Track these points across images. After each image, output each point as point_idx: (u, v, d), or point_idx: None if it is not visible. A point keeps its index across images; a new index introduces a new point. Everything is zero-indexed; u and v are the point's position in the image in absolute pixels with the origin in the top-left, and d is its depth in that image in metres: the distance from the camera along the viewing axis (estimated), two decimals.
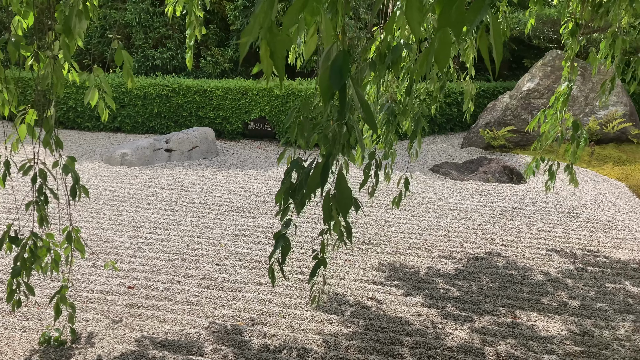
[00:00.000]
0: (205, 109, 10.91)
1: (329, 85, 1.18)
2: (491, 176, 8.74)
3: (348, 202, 1.33)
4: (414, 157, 4.22)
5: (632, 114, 11.42)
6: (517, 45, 17.43)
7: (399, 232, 5.93)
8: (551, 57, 11.50)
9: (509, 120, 11.36)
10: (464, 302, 4.30)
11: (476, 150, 11.33)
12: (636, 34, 5.06)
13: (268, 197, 7.03)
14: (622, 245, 5.83)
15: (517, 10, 14.89)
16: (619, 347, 3.71)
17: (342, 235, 2.93)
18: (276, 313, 3.98)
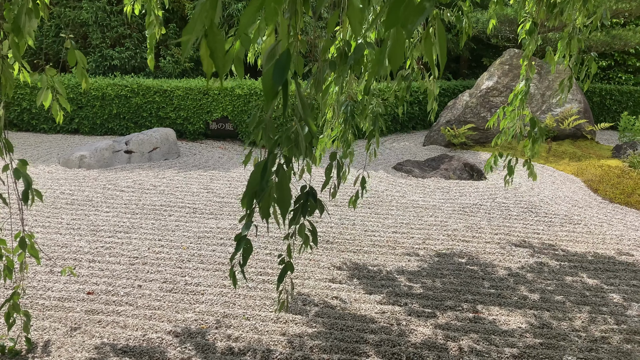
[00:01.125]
0: (166, 109, 10.73)
1: (272, 84, 1.17)
2: (452, 173, 8.87)
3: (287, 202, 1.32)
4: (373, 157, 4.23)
5: (587, 111, 11.78)
6: (477, 44, 17.76)
7: (363, 230, 5.96)
8: (509, 56, 11.76)
9: (469, 118, 11.56)
10: (427, 299, 4.35)
11: (438, 148, 11.49)
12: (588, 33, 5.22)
13: (231, 198, 6.96)
14: (579, 239, 6.00)
15: (476, 9, 15.17)
16: (575, 337, 3.81)
17: (308, 239, 2.92)
18: (240, 315, 3.94)
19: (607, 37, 13.81)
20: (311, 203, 2.70)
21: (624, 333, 3.92)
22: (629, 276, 5.01)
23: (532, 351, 3.60)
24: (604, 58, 17.40)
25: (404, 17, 0.96)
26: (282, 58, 1.21)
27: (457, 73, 18.49)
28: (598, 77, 17.55)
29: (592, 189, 8.26)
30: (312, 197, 2.71)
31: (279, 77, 1.17)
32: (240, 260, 4.39)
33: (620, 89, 16.19)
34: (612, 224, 6.62)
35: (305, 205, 2.71)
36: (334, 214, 6.47)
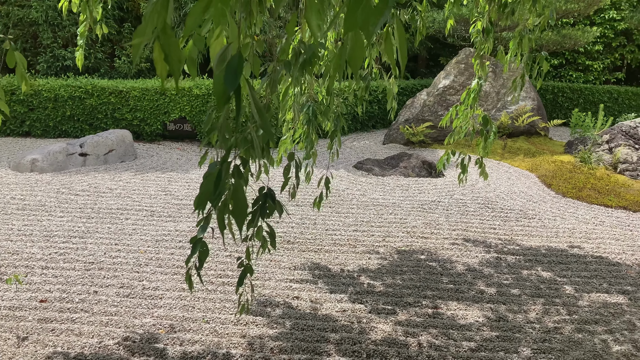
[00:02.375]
0: (121, 110, 10.49)
1: (225, 88, 1.15)
2: (411, 171, 8.99)
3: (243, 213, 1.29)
4: (335, 156, 4.24)
5: (540, 108, 12.12)
6: (434, 43, 18.04)
7: (324, 229, 5.97)
8: (464, 55, 11.98)
9: (426, 117, 11.73)
10: (387, 296, 4.39)
11: (397, 146, 11.62)
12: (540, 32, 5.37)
13: (190, 200, 6.86)
14: (533, 233, 6.17)
15: (432, 9, 15.39)
16: (530, 329, 3.91)
17: (266, 242, 2.88)
18: (199, 318, 3.89)
19: (558, 37, 14.24)
20: (270, 205, 2.67)
21: (575, 323, 4.05)
22: (581, 268, 5.18)
23: (489, 344, 3.68)
24: (555, 57, 17.94)
25: (362, 20, 0.95)
26: (233, 61, 1.19)
27: (415, 72, 18.74)
28: (550, 75, 18.08)
29: (545, 184, 8.50)
30: (270, 199, 2.69)
31: (230, 81, 1.15)
32: (196, 263, 4.34)
33: (571, 86, 16.73)
34: (565, 217, 6.83)
35: (263, 207, 2.68)
36: (295, 214, 6.47)
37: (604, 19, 17.36)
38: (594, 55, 17.67)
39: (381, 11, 1.03)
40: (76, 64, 12.19)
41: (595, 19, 17.45)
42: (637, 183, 8.41)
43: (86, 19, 4.33)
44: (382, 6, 1.02)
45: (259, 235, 2.84)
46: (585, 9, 13.83)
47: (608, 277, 4.98)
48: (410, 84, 14.81)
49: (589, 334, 3.89)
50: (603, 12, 17.33)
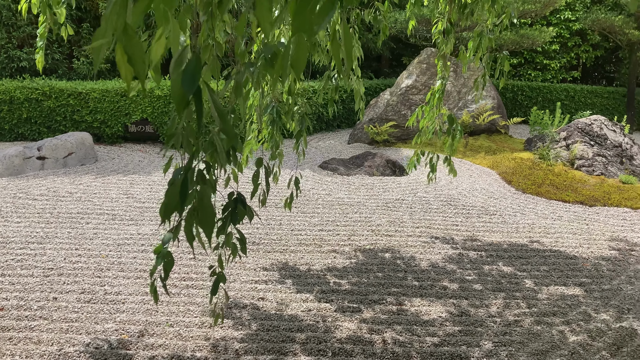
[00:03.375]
0: (81, 112, 10.26)
1: (183, 93, 1.13)
2: (376, 170, 9.07)
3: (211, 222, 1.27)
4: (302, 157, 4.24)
5: (500, 107, 12.38)
6: (396, 43, 18.23)
7: (290, 229, 5.97)
8: (426, 55, 12.15)
9: (390, 116, 11.85)
10: (353, 294, 4.42)
11: (362, 145, 11.70)
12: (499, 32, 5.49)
13: (153, 203, 6.76)
14: (495, 229, 6.30)
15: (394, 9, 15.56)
16: (491, 323, 4.00)
17: (236, 248, 2.85)
18: (163, 322, 3.84)
19: (516, 36, 14.58)
20: (240, 210, 2.64)
21: (534, 316, 4.16)
22: (540, 262, 5.32)
23: (452, 339, 3.75)
24: (514, 56, 18.36)
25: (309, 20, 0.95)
26: (191, 64, 1.17)
27: (379, 72, 18.90)
28: (510, 74, 18.49)
29: (506, 181, 8.70)
30: (241, 204, 2.65)
31: (189, 85, 1.13)
32: (161, 274, 4.28)
33: (530, 85, 17.15)
34: (525, 213, 7.00)
35: (234, 213, 2.64)
36: (261, 214, 6.44)
37: (559, 20, 17.86)
38: (551, 54, 18.16)
39: (326, 12, 1.02)
40: (33, 65, 11.85)
41: (551, 20, 17.94)
42: (592, 178, 8.68)
43: (46, 20, 4.22)
44: (327, 7, 1.01)
45: (228, 242, 2.80)
46: (542, 10, 14.21)
47: (566, 270, 5.13)
48: (374, 84, 14.94)
49: (548, 326, 4.00)
50: (559, 12, 17.82)
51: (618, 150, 9.70)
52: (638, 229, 6.60)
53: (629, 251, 5.75)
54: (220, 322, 3.81)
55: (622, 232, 6.41)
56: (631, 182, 8.52)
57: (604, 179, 8.70)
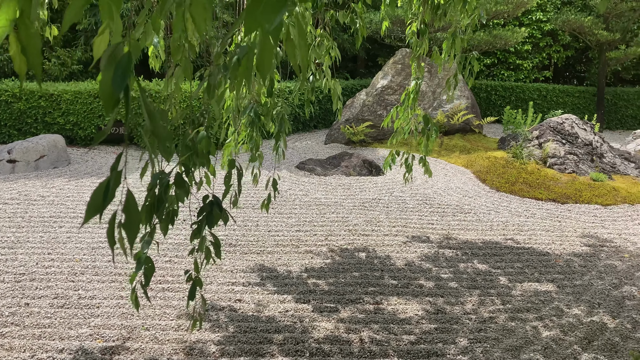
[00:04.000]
0: (53, 114, 10.08)
1: (112, 91, 1.10)
2: (353, 170, 9.10)
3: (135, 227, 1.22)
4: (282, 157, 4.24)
5: (474, 106, 12.54)
6: (372, 44, 18.33)
7: (267, 230, 5.96)
8: (401, 55, 12.24)
9: (366, 117, 11.91)
10: (330, 294, 4.43)
11: (338, 146, 11.73)
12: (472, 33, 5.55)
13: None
14: (469, 227, 6.38)
15: (369, 10, 15.64)
16: (467, 320, 4.06)
17: (210, 253, 2.82)
18: (139, 326, 3.80)
19: (489, 37, 14.79)
20: (216, 213, 2.60)
21: (509, 312, 4.23)
22: (514, 259, 5.41)
23: (428, 336, 3.79)
24: (488, 56, 18.61)
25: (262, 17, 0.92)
26: (123, 61, 1.13)
27: (355, 72, 18.98)
28: (483, 74, 18.74)
29: (480, 180, 8.82)
30: (217, 207, 2.62)
31: (119, 84, 1.10)
32: (142, 280, 4.23)
33: (503, 84, 17.40)
34: (499, 211, 7.11)
35: (210, 216, 2.60)
36: (237, 216, 6.42)
37: (531, 20, 18.16)
38: (523, 54, 18.45)
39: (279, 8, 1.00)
40: (2, 65, 11.61)
41: (523, 20, 18.23)
42: (564, 176, 8.85)
43: None
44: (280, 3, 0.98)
45: (202, 246, 2.76)
46: (514, 11, 14.43)
47: (539, 267, 5.22)
48: (350, 84, 14.99)
49: (521, 322, 4.07)
50: (530, 13, 18.13)
51: (589, 149, 9.90)
52: (608, 225, 6.76)
53: (599, 247, 5.88)
54: (199, 327, 3.79)
55: (593, 229, 6.55)
56: (601, 180, 8.71)
57: (576, 176, 8.88)
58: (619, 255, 5.66)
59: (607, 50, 17.04)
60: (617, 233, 6.42)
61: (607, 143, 10.34)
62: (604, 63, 17.04)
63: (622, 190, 8.28)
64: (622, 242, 6.10)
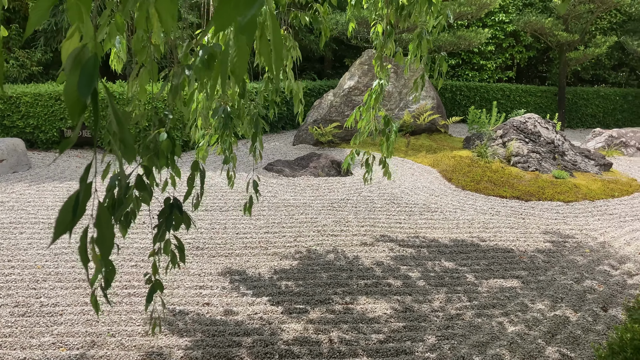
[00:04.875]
0: (12, 117, 9.79)
1: (79, 96, 1.05)
2: (321, 171, 9.11)
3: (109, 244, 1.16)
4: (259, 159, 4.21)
5: (439, 107, 12.71)
6: (338, 45, 18.40)
7: (235, 233, 5.91)
8: (367, 56, 12.32)
9: (334, 117, 11.94)
10: (299, 295, 4.42)
11: (307, 146, 11.73)
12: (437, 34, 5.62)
13: (93, 210, 6.53)
14: (436, 225, 6.46)
15: (335, 11, 15.69)
16: (434, 317, 4.11)
17: (175, 256, 2.77)
18: (105, 333, 3.72)
19: (453, 38, 15.01)
20: (177, 216, 2.55)
21: (475, 308, 4.30)
22: (480, 256, 5.50)
23: (397, 335, 3.82)
24: (452, 57, 18.89)
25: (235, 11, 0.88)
26: (89, 65, 1.09)
27: (322, 73, 19.01)
28: (448, 74, 19.01)
29: (446, 179, 8.94)
30: (177, 209, 2.57)
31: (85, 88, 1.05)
32: (102, 283, 4.15)
33: (468, 85, 17.69)
34: (465, 209, 7.22)
35: (169, 219, 2.55)
36: (204, 219, 6.35)
37: (494, 22, 18.51)
38: (487, 55, 18.79)
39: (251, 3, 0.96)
40: None
41: (486, 21, 18.57)
42: (528, 174, 9.05)
43: None
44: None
45: (167, 249, 2.72)
46: (477, 12, 14.68)
47: (504, 263, 5.32)
48: (318, 85, 15.01)
49: (488, 318, 4.14)
50: (493, 15, 18.48)
51: (551, 147, 10.15)
52: (570, 221, 6.93)
53: (562, 243, 6.03)
54: (159, 331, 3.73)
55: (556, 225, 6.71)
56: (563, 177, 8.93)
57: (539, 174, 9.08)
58: (580, 250, 5.81)
59: (567, 50, 17.49)
60: (579, 229, 6.60)
61: (568, 141, 10.62)
62: (564, 63, 17.49)
63: (582, 187, 8.52)
64: (583, 237, 6.27)
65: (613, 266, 5.37)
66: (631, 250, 5.89)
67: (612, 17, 18.91)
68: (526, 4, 18.89)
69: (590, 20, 16.78)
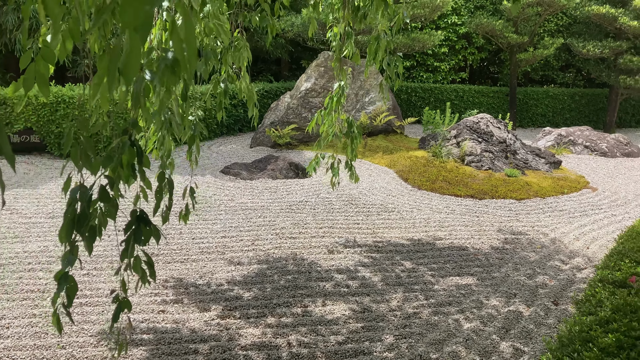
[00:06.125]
0: None
1: None
2: (279, 173, 9.08)
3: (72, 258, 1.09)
4: (195, 164, 4.12)
5: (395, 108, 12.86)
6: (295, 47, 18.39)
7: (191, 238, 5.81)
8: (324, 58, 12.35)
9: (291, 119, 11.92)
10: (257, 300, 4.38)
11: (264, 149, 11.67)
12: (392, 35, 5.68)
13: (41, 218, 6.31)
14: (393, 225, 6.52)
15: (291, 13, 15.68)
16: (392, 317, 4.14)
17: (145, 274, 2.60)
18: (54, 345, 3.59)
19: (408, 40, 15.23)
20: (145, 229, 2.41)
21: (432, 307, 4.36)
22: (436, 254, 5.58)
23: (355, 335, 3.83)
24: (407, 59, 19.16)
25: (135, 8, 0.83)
26: None
27: (279, 75, 18.97)
28: (404, 76, 19.28)
29: (403, 179, 9.05)
30: (144, 223, 2.42)
31: None
32: (64, 300, 4.00)
33: (422, 86, 17.98)
34: (421, 209, 7.32)
35: (138, 233, 2.39)
36: (159, 223, 6.22)
37: (447, 24, 18.88)
38: (441, 57, 19.15)
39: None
40: None
41: (440, 24, 18.92)
42: (481, 173, 9.25)
43: None
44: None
45: (137, 267, 2.55)
46: (430, 14, 14.94)
47: (459, 261, 5.42)
48: (275, 87, 14.96)
49: (444, 316, 4.20)
50: (446, 17, 18.85)
51: (503, 146, 10.41)
52: (522, 218, 7.12)
53: (515, 240, 6.18)
54: (124, 352, 3.61)
55: (509, 223, 6.89)
56: (515, 175, 9.17)
57: (492, 173, 9.30)
58: (532, 246, 5.98)
59: (517, 52, 18.00)
60: (531, 226, 6.78)
61: (519, 140, 10.92)
62: (514, 64, 17.99)
63: (534, 185, 8.77)
64: (535, 234, 6.46)
65: (563, 261, 5.55)
66: (580, 245, 6.10)
67: (559, 20, 19.58)
68: (478, 6, 19.35)
69: (538, 23, 17.33)
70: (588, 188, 9.06)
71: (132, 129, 2.38)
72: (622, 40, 17.38)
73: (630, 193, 8.86)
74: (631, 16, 16.66)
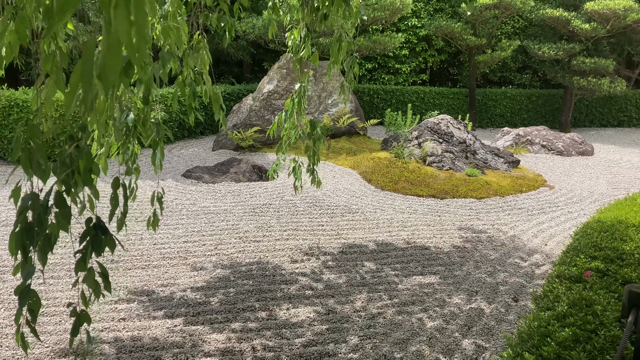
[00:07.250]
0: None
1: None
2: (242, 176, 9.01)
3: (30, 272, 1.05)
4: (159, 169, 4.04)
5: (358, 110, 12.94)
6: (256, 49, 18.30)
7: (152, 244, 5.71)
8: (285, 60, 12.33)
9: (254, 121, 11.86)
10: (221, 305, 4.33)
11: (227, 152, 11.56)
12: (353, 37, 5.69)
13: None
14: (357, 226, 6.56)
15: (252, 15, 15.60)
16: (357, 318, 4.15)
17: (99, 287, 2.51)
18: (8, 357, 3.46)
19: (369, 42, 15.35)
20: (103, 240, 2.32)
21: (396, 306, 4.39)
22: (399, 254, 5.63)
23: (320, 337, 3.82)
24: (369, 61, 19.31)
25: None
26: None
27: (241, 77, 18.84)
28: (366, 78, 19.43)
29: (366, 180, 9.10)
30: (101, 231, 2.33)
31: None
32: (28, 316, 3.86)
33: (384, 88, 18.15)
34: (384, 209, 7.38)
35: (95, 242, 2.30)
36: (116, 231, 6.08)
37: (407, 26, 19.12)
38: (401, 59, 19.38)
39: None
40: None
41: (400, 26, 19.15)
42: (443, 173, 9.40)
43: None
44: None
45: (89, 279, 2.44)
46: (391, 17, 15.10)
47: (422, 260, 5.48)
48: (237, 89, 14.85)
49: (408, 315, 4.24)
50: (406, 19, 19.09)
51: (463, 146, 10.60)
52: (482, 217, 7.26)
53: (476, 238, 6.30)
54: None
55: (470, 221, 7.01)
56: (475, 175, 9.35)
57: (453, 173, 9.45)
58: (492, 244, 6.10)
59: (475, 54, 18.37)
60: (491, 224, 6.92)
61: (479, 140, 11.13)
62: (473, 66, 18.35)
63: (493, 184, 8.95)
64: (495, 232, 6.59)
65: (522, 258, 5.68)
66: (538, 242, 6.25)
67: (516, 23, 20.08)
68: (437, 9, 19.66)
69: (495, 25, 17.73)
70: (545, 186, 9.31)
71: (81, 133, 2.30)
72: (575, 42, 17.95)
73: (585, 190, 9.14)
74: (583, 19, 17.22)
